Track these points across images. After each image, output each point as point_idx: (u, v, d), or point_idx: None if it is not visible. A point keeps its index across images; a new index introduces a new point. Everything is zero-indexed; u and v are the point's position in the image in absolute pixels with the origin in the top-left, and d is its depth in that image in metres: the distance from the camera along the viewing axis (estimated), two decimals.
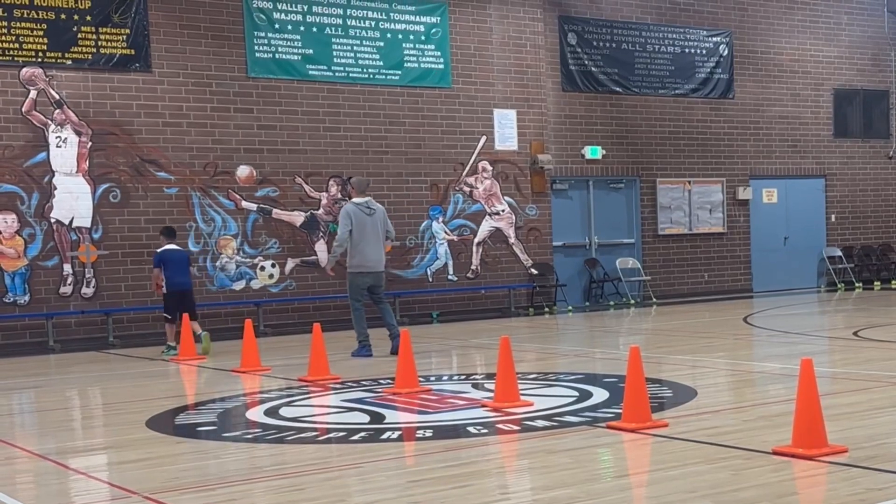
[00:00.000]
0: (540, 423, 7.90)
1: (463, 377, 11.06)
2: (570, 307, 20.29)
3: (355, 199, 13.18)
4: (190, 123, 16.91)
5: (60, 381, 12.40)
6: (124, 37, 16.41)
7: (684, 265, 22.06)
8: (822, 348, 12.77)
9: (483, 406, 8.72)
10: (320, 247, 18.04)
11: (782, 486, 5.71)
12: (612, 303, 20.83)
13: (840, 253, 23.91)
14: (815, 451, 6.27)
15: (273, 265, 17.68)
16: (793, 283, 23.50)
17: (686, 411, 8.21)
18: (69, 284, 16.16)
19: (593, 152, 20.86)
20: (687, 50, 22.09)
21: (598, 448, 7.02)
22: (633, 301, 20.93)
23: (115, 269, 16.39)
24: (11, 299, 15.81)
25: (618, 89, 21.24)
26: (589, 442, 7.17)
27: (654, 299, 21.09)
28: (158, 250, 14.59)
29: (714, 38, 22.39)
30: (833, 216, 24.08)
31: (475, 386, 10.21)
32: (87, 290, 16.25)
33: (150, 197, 16.67)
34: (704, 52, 22.28)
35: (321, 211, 18.09)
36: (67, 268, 16.14)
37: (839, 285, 23.55)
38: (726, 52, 22.52)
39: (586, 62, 20.89)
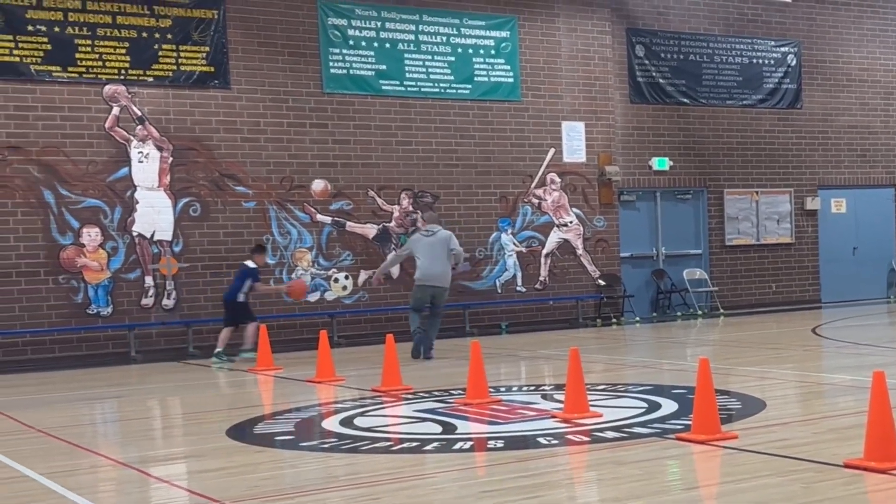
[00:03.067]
0: (609, 434, 7.87)
1: (532, 388, 11.04)
2: (637, 318, 20.15)
3: (422, 229, 14.87)
4: (267, 139, 17.12)
5: (142, 391, 12.59)
6: (204, 55, 16.67)
7: (752, 276, 21.80)
8: (892, 360, 12.52)
9: (553, 417, 8.71)
10: None
11: (854, 500, 5.63)
12: (679, 314, 20.65)
13: None
14: (887, 465, 6.17)
15: (346, 277, 17.80)
16: (862, 293, 23.09)
17: (755, 423, 8.12)
18: (150, 296, 16.38)
19: (661, 164, 20.76)
20: (755, 60, 21.86)
21: (667, 460, 6.97)
22: (700, 312, 20.71)
23: (195, 282, 16.61)
24: (95, 311, 16.06)
25: (685, 101, 21.09)
26: (658, 453, 7.13)
27: (722, 310, 20.85)
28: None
29: (782, 49, 22.13)
30: None
31: (545, 397, 10.19)
32: (168, 302, 16.48)
33: (229, 211, 16.87)
34: (772, 62, 22.03)
35: (393, 224, 18.17)
36: (149, 280, 16.36)
37: None
38: (794, 62, 22.24)
39: (654, 74, 20.78)
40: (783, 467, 6.47)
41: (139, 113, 16.30)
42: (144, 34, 16.34)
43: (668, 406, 9.11)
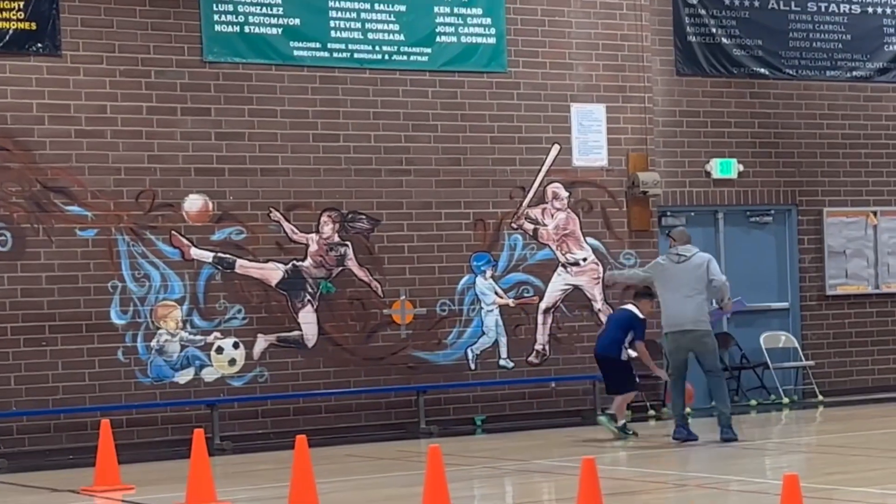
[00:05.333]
0: None
1: None
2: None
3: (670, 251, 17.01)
4: (116, 132, 17.40)
5: None
6: (21, 4, 16.92)
7: (867, 343, 22.23)
8: None
9: None
10: (306, 316, 18.45)
11: None
12: (753, 402, 21.03)
13: None
14: None
15: (235, 345, 18.09)
16: None
17: None
18: None
19: (725, 168, 21.24)
20: (870, 10, 22.25)
21: None
22: (787, 399, 21.10)
23: (2, 354, 16.83)
24: None
25: (763, 70, 21.55)
26: None
27: (821, 396, 21.29)
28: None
29: None
30: None
31: None
32: None
33: (56, 243, 17.06)
34: None
35: (308, 262, 18.48)
36: None
37: None
38: None
39: (714, 30, 21.15)
40: None
41: None
42: None
43: None
